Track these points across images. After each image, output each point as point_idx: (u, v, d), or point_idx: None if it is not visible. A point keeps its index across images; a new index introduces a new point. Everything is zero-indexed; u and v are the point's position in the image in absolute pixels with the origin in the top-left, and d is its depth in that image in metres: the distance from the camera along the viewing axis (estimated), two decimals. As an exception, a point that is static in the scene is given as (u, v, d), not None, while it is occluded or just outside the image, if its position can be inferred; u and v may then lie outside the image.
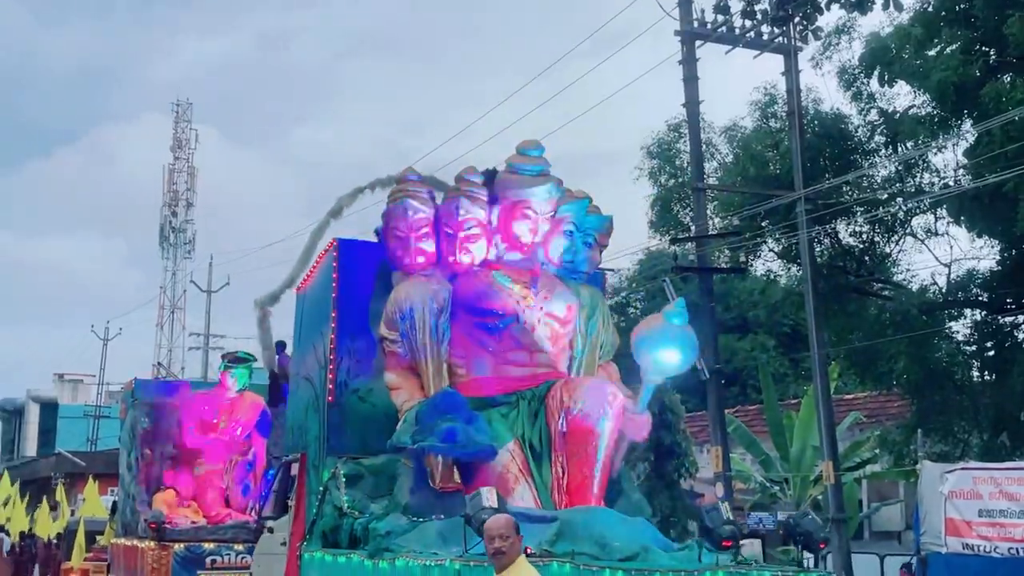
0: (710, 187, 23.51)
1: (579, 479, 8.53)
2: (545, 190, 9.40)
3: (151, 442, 18.71)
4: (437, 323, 9.01)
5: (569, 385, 8.76)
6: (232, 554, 16.49)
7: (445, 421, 8.26)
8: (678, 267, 22.64)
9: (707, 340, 21.63)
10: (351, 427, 9.38)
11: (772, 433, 24.72)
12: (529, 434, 8.77)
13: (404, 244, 9.22)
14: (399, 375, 8.98)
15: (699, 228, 22.37)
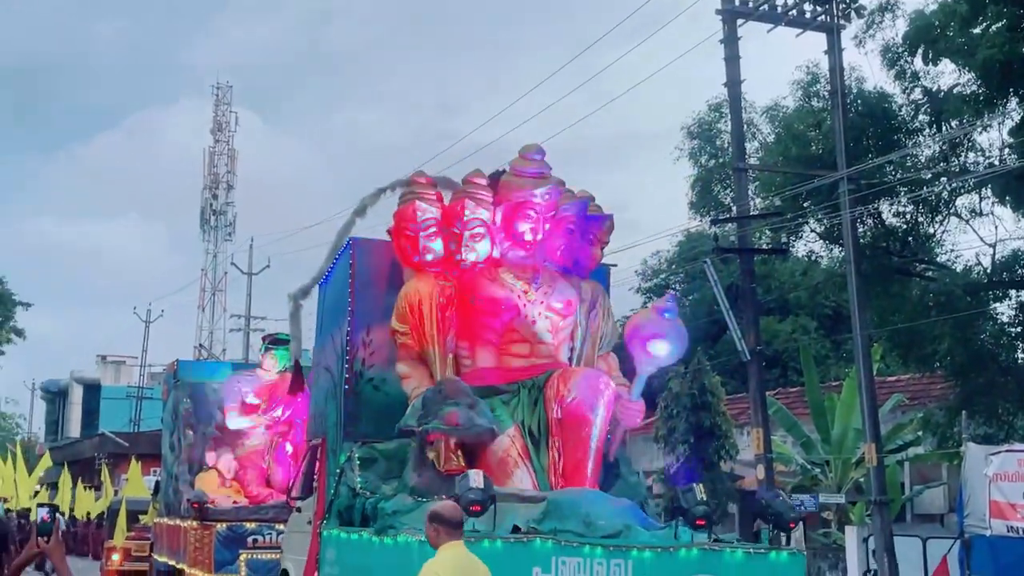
0: (751, 167, 23.48)
1: (573, 463, 9.29)
2: (545, 191, 10.10)
3: (193, 423, 19.02)
4: (444, 316, 9.80)
5: (565, 375, 9.52)
6: (273, 534, 16.76)
7: (448, 406, 9.00)
8: (719, 248, 22.80)
9: (748, 322, 21.59)
10: (366, 414, 10.15)
11: (813, 415, 25.05)
12: (528, 420, 9.52)
13: (413, 242, 10.01)
14: (409, 365, 9.80)
15: (740, 209, 22.36)
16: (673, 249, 43.97)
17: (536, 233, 10.13)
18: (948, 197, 22.27)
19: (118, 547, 27.27)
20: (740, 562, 8.20)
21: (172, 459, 19.55)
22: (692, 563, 8.09)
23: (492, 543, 7.70)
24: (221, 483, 18.61)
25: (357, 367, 10.32)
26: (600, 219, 10.45)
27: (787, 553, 8.39)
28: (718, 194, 27.39)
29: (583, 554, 7.81)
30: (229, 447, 18.93)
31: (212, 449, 18.93)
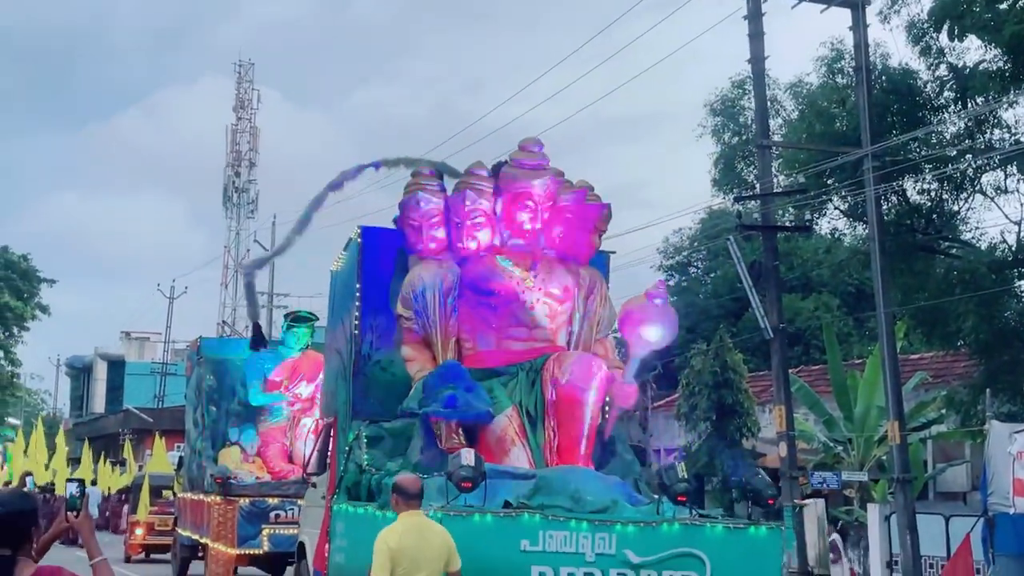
0: (775, 144, 23.48)
1: (568, 441, 9.92)
2: (544, 182, 10.65)
3: (216, 399, 19.53)
4: (446, 302, 10.42)
5: (560, 358, 10.14)
6: (295, 509, 17.07)
7: (448, 389, 9.64)
8: (742, 226, 22.91)
9: (771, 299, 21.62)
10: (374, 394, 10.81)
11: (836, 393, 25.24)
12: (526, 401, 10.12)
13: (417, 232, 10.62)
14: (414, 348, 10.44)
15: (763, 186, 22.38)
16: (695, 226, 44.20)
17: (535, 222, 10.67)
18: (973, 174, 22.22)
19: (142, 521, 27.69)
20: (720, 536, 8.72)
21: (195, 435, 20.07)
22: (674, 537, 8.60)
23: (483, 517, 8.30)
24: (244, 459, 19.03)
25: (365, 350, 10.95)
26: (598, 208, 10.91)
27: (766, 528, 8.88)
28: (741, 171, 27.33)
29: (569, 528, 8.38)
30: (252, 423, 19.34)
31: (235, 425, 19.37)
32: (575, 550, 8.39)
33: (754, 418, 28.60)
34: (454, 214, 10.62)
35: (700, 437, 29.50)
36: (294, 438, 19.23)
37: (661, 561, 8.50)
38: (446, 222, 10.66)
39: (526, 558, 8.27)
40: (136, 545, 27.85)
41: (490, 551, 8.15)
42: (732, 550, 8.68)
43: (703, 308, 42.73)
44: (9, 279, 50.43)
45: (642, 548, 8.48)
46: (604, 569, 8.39)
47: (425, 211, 10.61)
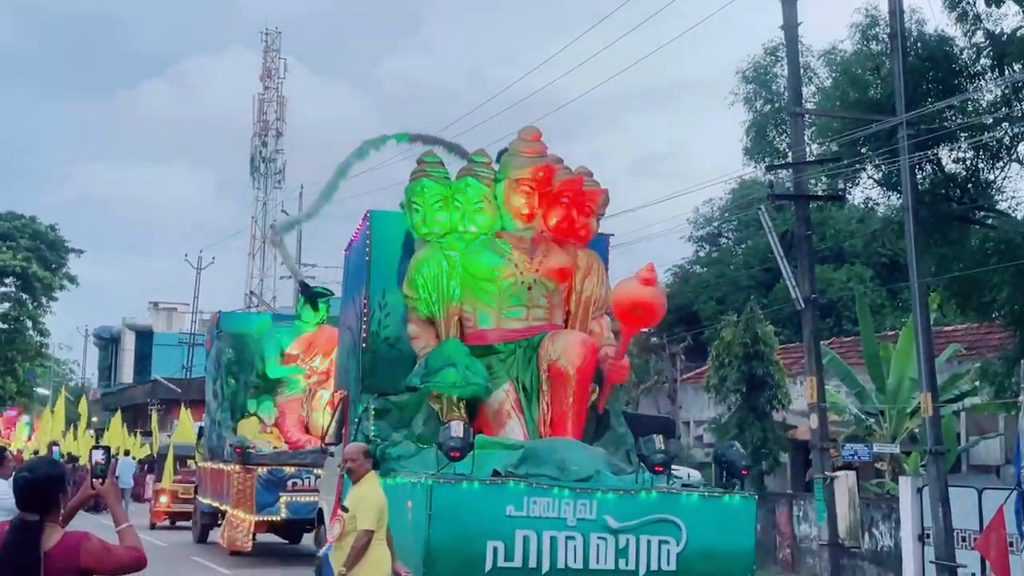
0: (808, 112, 23.32)
1: (559, 415, 10.85)
2: (541, 168, 11.46)
3: (235, 372, 20.65)
4: (449, 283, 11.35)
5: (554, 337, 11.11)
6: (312, 478, 18.21)
7: (447, 365, 10.64)
8: (773, 195, 23.33)
9: (803, 270, 21.44)
10: (382, 369, 11.74)
11: (868, 365, 25.65)
12: (522, 377, 11.13)
13: (422, 216, 11.51)
14: (419, 326, 11.43)
15: (796, 155, 22.28)
16: (726, 196, 44.29)
17: (533, 207, 11.51)
18: (1010, 143, 22.03)
19: (166, 489, 28.39)
20: (696, 504, 9.62)
21: (215, 406, 21.18)
22: (652, 504, 9.49)
23: (470, 485, 9.21)
24: (262, 429, 20.23)
25: (374, 327, 11.90)
26: (595, 192, 11.71)
27: (739, 496, 9.79)
28: (773, 140, 27.15)
29: (552, 495, 9.31)
30: (269, 395, 20.45)
31: (253, 397, 20.50)
32: (557, 515, 9.29)
33: (785, 390, 28.67)
34: (457, 199, 11.49)
35: (730, 409, 29.55)
36: (310, 409, 20.27)
37: (639, 526, 9.41)
38: (449, 207, 11.50)
39: (511, 522, 9.18)
40: (161, 512, 28.74)
41: (477, 516, 9.12)
42: (707, 517, 9.57)
43: (734, 279, 42.77)
44: (37, 249, 50.76)
45: (621, 514, 9.40)
46: (585, 533, 9.30)
47: (429, 196, 11.46)
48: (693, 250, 47.80)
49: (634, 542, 9.38)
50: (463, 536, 8.99)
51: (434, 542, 9.00)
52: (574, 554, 9.24)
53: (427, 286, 11.32)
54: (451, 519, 8.96)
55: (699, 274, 45.96)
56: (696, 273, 46.27)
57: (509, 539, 9.14)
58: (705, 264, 45.91)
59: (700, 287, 44.22)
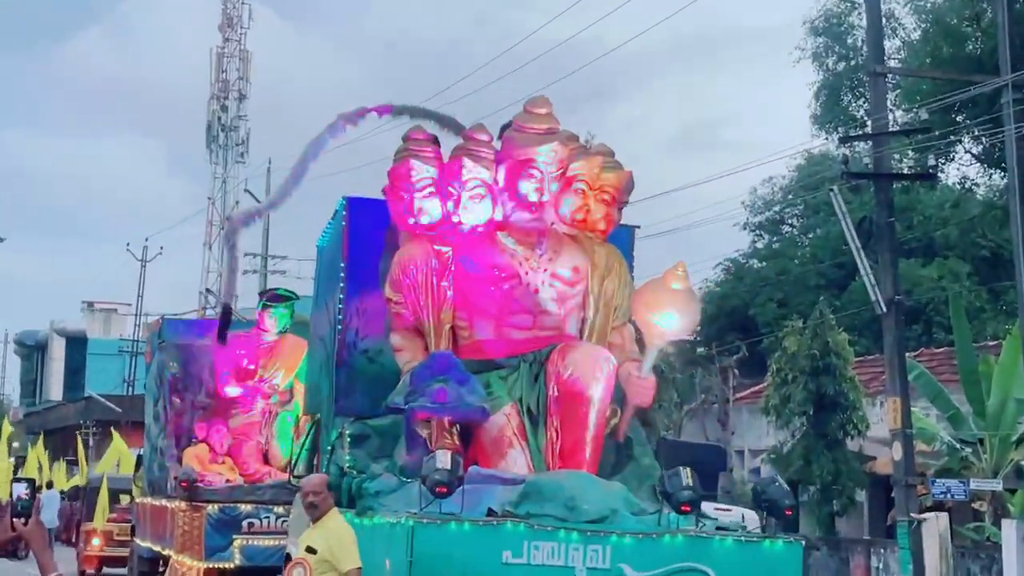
0: (891, 71, 23.43)
1: (571, 444, 10.96)
2: (551, 148, 11.59)
3: (181, 390, 20.82)
4: (439, 284, 11.47)
5: (564, 350, 11.23)
6: (272, 517, 18.49)
7: (437, 382, 10.66)
8: (848, 173, 23.66)
9: (884, 265, 21.64)
10: (360, 388, 11.93)
11: (964, 382, 25.49)
12: (527, 398, 11.21)
13: (408, 204, 11.65)
14: (404, 336, 11.55)
15: (876, 124, 22.52)
16: (790, 174, 44.46)
17: (542, 193, 11.62)
18: None
19: (98, 530, 28.84)
20: (730, 550, 9.75)
21: (157, 431, 21.41)
22: (677, 551, 9.63)
23: (459, 526, 9.35)
24: (212, 459, 20.26)
25: (350, 337, 12.11)
26: (618, 176, 11.86)
27: (783, 542, 9.93)
28: (848, 105, 27.36)
29: (558, 539, 9.47)
30: (222, 418, 20.52)
31: (203, 420, 20.59)
32: (564, 563, 9.43)
33: (861, 413, 28.69)
34: (449, 184, 11.63)
35: (793, 436, 30.06)
36: (270, 435, 20.51)
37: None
38: (441, 193, 11.64)
39: (507, 571, 9.36)
40: (92, 557, 29.06)
41: (468, 563, 9.31)
42: (744, 566, 9.74)
43: (799, 276, 42.97)
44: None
45: (640, 562, 9.54)
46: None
47: (416, 180, 11.60)
48: (749, 240, 47.93)
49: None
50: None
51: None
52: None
53: (414, 288, 11.43)
54: (436, 567, 9.13)
55: (756, 270, 46.13)
56: (753, 268, 46.42)
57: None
58: (764, 257, 46.01)
59: (758, 285, 44.33)
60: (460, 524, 9.36)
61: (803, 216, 47.35)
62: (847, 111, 26.45)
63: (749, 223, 46.74)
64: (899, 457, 21.12)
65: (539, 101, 11.83)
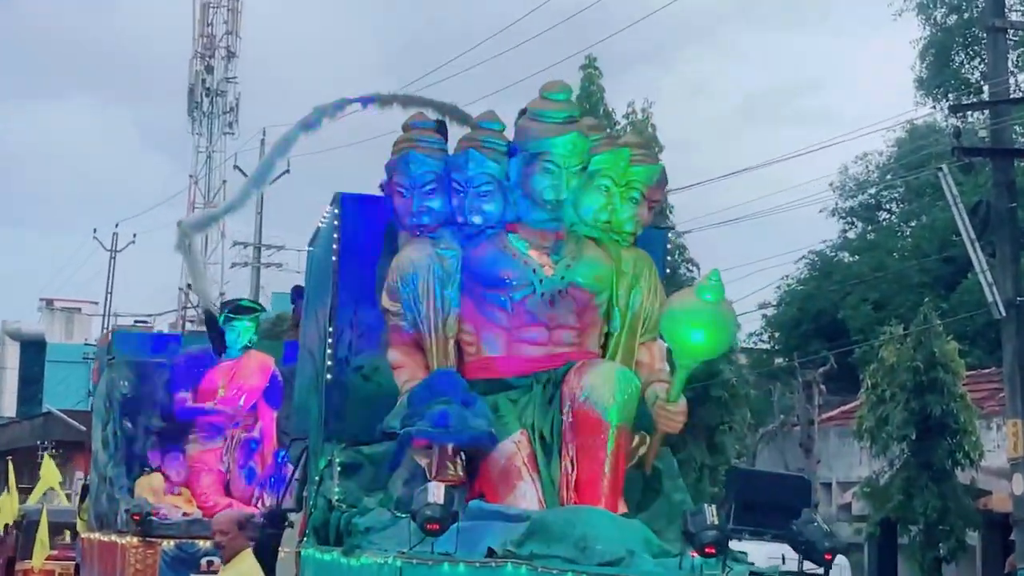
0: (1013, 25, 23.69)
1: (588, 476, 11.58)
2: (570, 139, 12.20)
3: (132, 412, 22.21)
4: (443, 293, 12.19)
5: (581, 369, 11.89)
6: None
7: (438, 404, 11.30)
8: (960, 148, 23.58)
9: (1004, 259, 22.16)
10: (352, 409, 12.70)
11: None
12: (540, 423, 11.87)
13: (408, 202, 12.43)
14: (402, 352, 12.31)
15: (994, 89, 22.96)
16: (888, 150, 44.91)
17: (559, 191, 12.29)
18: None
19: (37, 570, 30.31)
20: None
21: (105, 458, 22.65)
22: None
23: (453, 568, 9.94)
24: (168, 489, 21.75)
25: (342, 352, 12.87)
26: (647, 171, 12.64)
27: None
28: (960, 67, 27.86)
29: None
30: (178, 444, 22.15)
31: (157, 446, 22.19)
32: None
33: (974, 438, 29.11)
34: (455, 180, 12.42)
35: (892, 465, 30.64)
36: (232, 463, 22.00)
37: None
38: (445, 190, 12.45)
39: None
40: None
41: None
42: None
43: (899, 273, 43.49)
44: None
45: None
46: None
47: (417, 175, 12.39)
48: (839, 229, 48.33)
49: (676, 650, 10.83)
50: None
51: None
52: (593, 664, 10.69)
53: (414, 297, 12.13)
54: None
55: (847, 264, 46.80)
56: (843, 263, 46.99)
57: None
58: (856, 250, 46.55)
59: (849, 284, 44.90)
60: (454, 566, 9.95)
61: (904, 201, 47.83)
62: (959, 74, 27.03)
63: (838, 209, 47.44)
64: (1020, 491, 21.52)
65: (557, 85, 12.50)
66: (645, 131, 42.38)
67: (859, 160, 46.69)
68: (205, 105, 60.30)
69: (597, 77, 44.22)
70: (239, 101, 60.19)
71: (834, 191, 45.73)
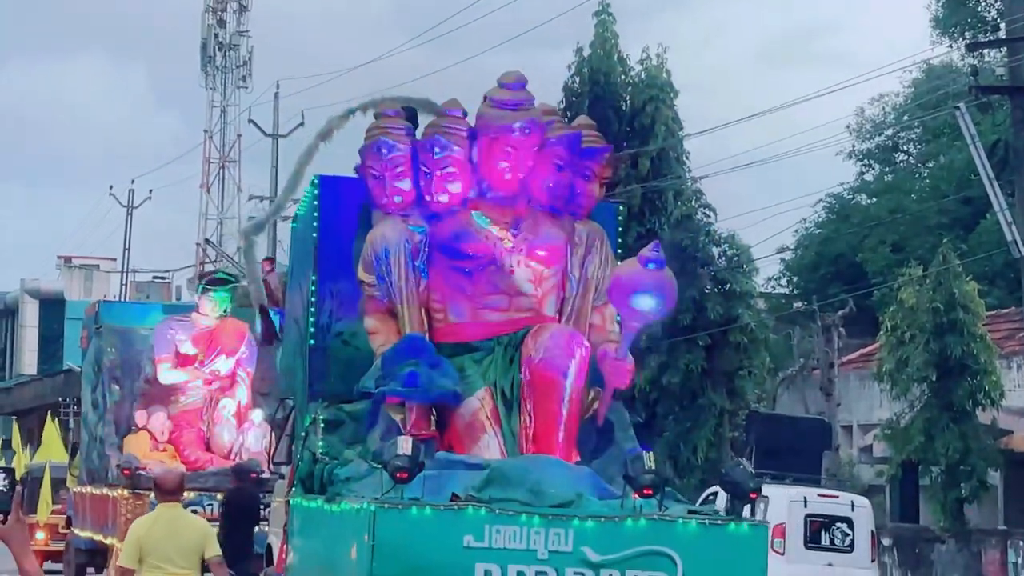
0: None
1: (544, 428, 14.20)
2: (527, 124, 14.75)
3: (119, 376, 25.65)
4: (413, 266, 14.74)
5: (537, 333, 14.51)
6: (214, 504, 22.93)
7: (409, 366, 13.92)
8: (977, 87, 24.78)
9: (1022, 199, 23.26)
10: (334, 371, 15.33)
11: None
12: (502, 381, 14.51)
13: (380, 184, 14.95)
14: (377, 319, 14.84)
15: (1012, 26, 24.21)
16: (905, 91, 46.38)
17: (517, 171, 14.88)
18: None
19: (42, 523, 32.99)
20: (694, 533, 12.92)
21: (95, 419, 26.15)
22: (640, 534, 12.75)
23: (420, 511, 12.60)
24: (153, 446, 25.03)
25: (324, 320, 15.46)
26: (596, 152, 15.14)
27: (748, 524, 13.14)
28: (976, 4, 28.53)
29: (520, 523, 12.66)
30: (162, 405, 25.47)
31: (142, 407, 25.45)
32: (526, 547, 12.60)
33: (994, 378, 30.33)
34: (422, 163, 14.94)
35: (912, 407, 31.61)
36: (212, 422, 25.54)
37: (625, 560, 12.70)
38: (413, 172, 14.96)
39: (470, 555, 12.62)
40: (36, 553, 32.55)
41: (430, 547, 12.60)
42: (708, 549, 12.91)
43: (917, 215, 44.58)
44: None
45: (602, 546, 12.72)
46: (559, 568, 12.67)
47: (389, 159, 14.91)
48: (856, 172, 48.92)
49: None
50: (412, 570, 12.55)
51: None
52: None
53: (387, 270, 14.61)
54: (398, 551, 12.46)
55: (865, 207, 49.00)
56: (861, 205, 48.03)
57: (467, 574, 12.56)
58: (874, 192, 47.49)
59: (867, 226, 45.90)
60: (422, 509, 12.60)
61: (921, 142, 49.04)
62: (975, 12, 27.84)
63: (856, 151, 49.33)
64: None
65: (513, 74, 14.93)
66: (660, 76, 44.65)
67: (876, 101, 47.87)
68: (218, 60, 61.91)
69: (611, 23, 45.69)
70: (252, 54, 62.76)
71: (851, 133, 47.14)
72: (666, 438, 39.69)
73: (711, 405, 39.64)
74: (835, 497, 28.33)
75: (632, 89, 45.19)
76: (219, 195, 61.52)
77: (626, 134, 44.17)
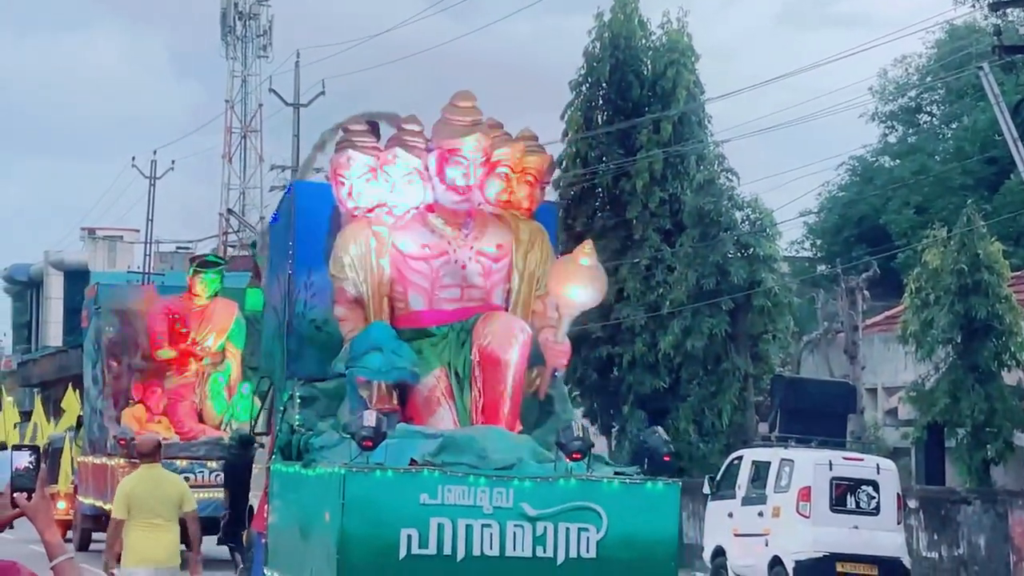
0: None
1: (492, 402, 18.14)
2: (475, 138, 18.75)
3: (117, 352, 30.51)
4: (378, 262, 18.60)
5: (486, 319, 18.47)
6: (206, 472, 28.04)
7: (373, 350, 17.93)
8: (1001, 47, 26.70)
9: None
10: (309, 354, 19.31)
11: None
12: (455, 362, 18.53)
13: (348, 189, 18.80)
14: (346, 308, 18.75)
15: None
16: (928, 52, 49.56)
17: (468, 178, 18.70)
18: None
19: (62, 493, 37.42)
20: (617, 491, 17.03)
21: (96, 393, 30.81)
22: (571, 492, 16.76)
23: (384, 473, 16.59)
24: (149, 418, 29.75)
25: (299, 308, 19.39)
26: (538, 160, 19.08)
27: (662, 484, 17.23)
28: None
29: (468, 483, 16.56)
30: (157, 379, 30.36)
31: (139, 382, 30.43)
32: (473, 503, 16.39)
33: (1020, 339, 33.32)
34: (385, 171, 18.62)
35: (937, 369, 34.45)
36: (203, 395, 30.41)
37: (557, 514, 16.54)
38: (377, 179, 18.62)
39: (425, 511, 16.36)
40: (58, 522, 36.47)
41: (391, 505, 16.43)
42: (629, 504, 16.85)
43: (940, 176, 47.32)
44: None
45: (539, 502, 16.61)
46: (501, 521, 16.45)
47: (355, 168, 18.64)
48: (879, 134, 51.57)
49: (552, 529, 16.50)
50: (377, 524, 16.26)
51: (348, 531, 16.15)
52: (490, 541, 16.34)
53: (354, 265, 18.35)
54: (365, 508, 16.20)
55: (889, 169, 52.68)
56: (884, 167, 53.16)
57: (423, 527, 16.25)
58: (897, 154, 52.52)
59: (890, 188, 49.48)
60: (385, 472, 16.32)
61: (945, 103, 51.97)
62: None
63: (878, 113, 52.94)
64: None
65: (463, 94, 18.72)
66: (681, 40, 48.08)
67: (898, 63, 51.37)
68: (238, 29, 66.07)
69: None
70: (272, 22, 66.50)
71: (874, 95, 50.06)
72: (690, 403, 43.13)
73: (735, 369, 43.04)
74: (860, 460, 31.06)
75: (653, 54, 48.34)
76: (241, 165, 64.45)
77: (647, 99, 47.56)
